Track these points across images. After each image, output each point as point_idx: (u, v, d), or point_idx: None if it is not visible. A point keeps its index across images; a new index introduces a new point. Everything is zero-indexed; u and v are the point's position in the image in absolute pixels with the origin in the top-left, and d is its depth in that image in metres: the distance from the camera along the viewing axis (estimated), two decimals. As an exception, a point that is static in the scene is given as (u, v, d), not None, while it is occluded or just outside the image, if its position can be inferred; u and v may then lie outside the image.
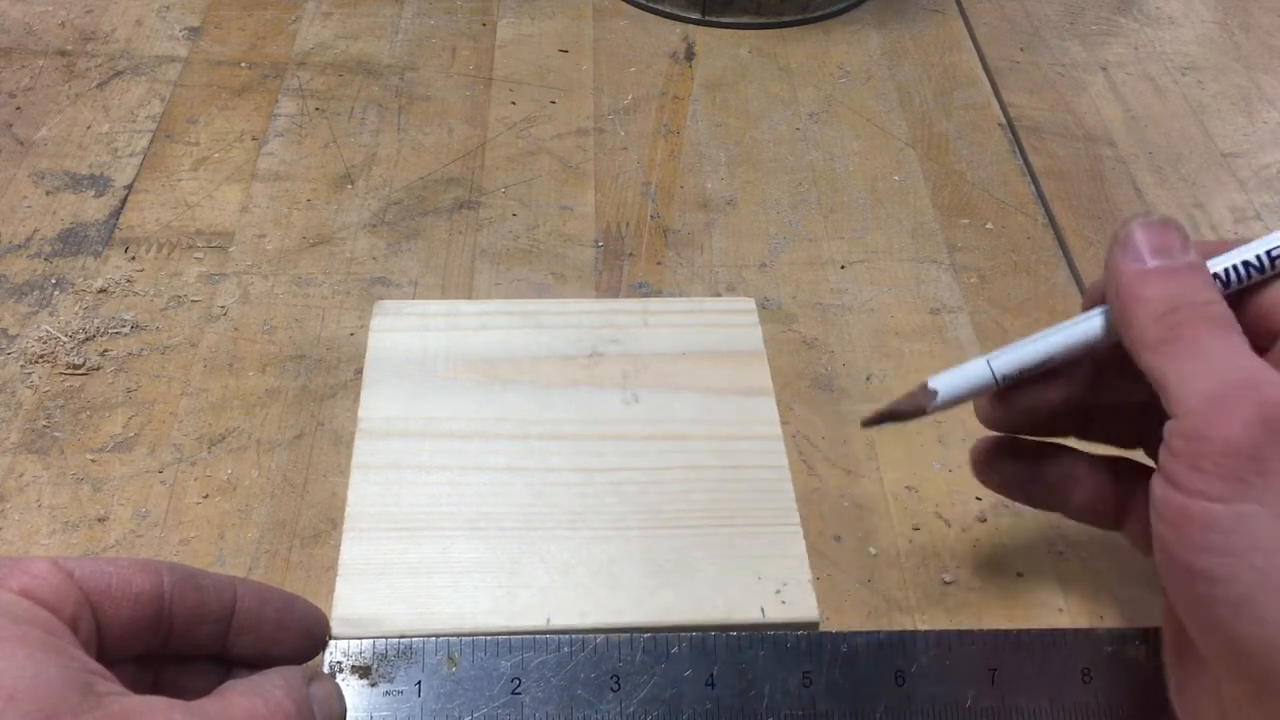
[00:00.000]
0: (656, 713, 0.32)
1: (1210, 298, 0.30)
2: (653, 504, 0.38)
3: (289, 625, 0.31)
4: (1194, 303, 0.30)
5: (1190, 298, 0.30)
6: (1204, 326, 0.29)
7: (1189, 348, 0.29)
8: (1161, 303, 0.30)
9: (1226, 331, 0.29)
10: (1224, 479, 0.26)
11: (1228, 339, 0.29)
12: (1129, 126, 0.62)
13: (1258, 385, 0.27)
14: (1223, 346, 0.29)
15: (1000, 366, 0.33)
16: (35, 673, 0.24)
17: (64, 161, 0.55)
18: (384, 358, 0.42)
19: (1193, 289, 0.30)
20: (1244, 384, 0.27)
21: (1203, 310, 0.29)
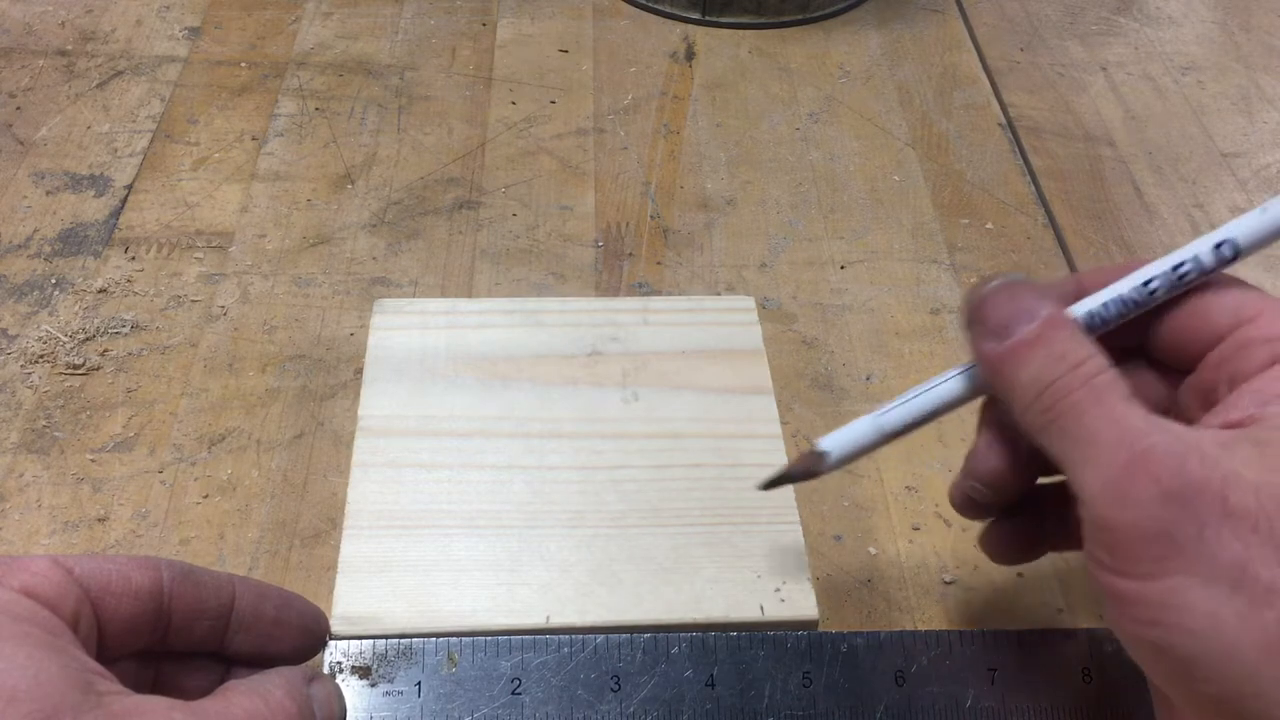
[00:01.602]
0: (656, 713, 0.32)
1: (1079, 357, 0.28)
2: (652, 502, 0.38)
3: (288, 622, 0.31)
4: (1063, 373, 0.28)
5: (1057, 369, 0.28)
6: (1080, 399, 0.27)
7: (1071, 429, 0.27)
8: (1031, 386, 0.28)
9: (1103, 397, 0.27)
10: (1142, 561, 0.25)
11: (1108, 407, 0.27)
12: (1129, 126, 0.62)
13: (1148, 458, 0.26)
14: (1104, 418, 0.27)
15: (887, 423, 0.32)
16: (36, 672, 0.24)
17: (64, 161, 0.55)
18: (384, 356, 0.42)
19: (1057, 355, 0.28)
20: (1135, 461, 0.26)
21: (1074, 378, 0.27)
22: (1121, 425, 0.26)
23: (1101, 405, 0.27)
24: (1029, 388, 0.28)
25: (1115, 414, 0.27)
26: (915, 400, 0.32)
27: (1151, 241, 0.55)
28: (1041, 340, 0.28)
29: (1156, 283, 0.30)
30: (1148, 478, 0.25)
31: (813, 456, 0.33)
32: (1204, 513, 0.25)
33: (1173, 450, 0.26)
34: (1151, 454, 0.26)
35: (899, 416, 0.32)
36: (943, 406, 0.32)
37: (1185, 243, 0.55)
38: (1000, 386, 0.29)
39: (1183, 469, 0.25)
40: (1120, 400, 0.27)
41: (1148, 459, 0.26)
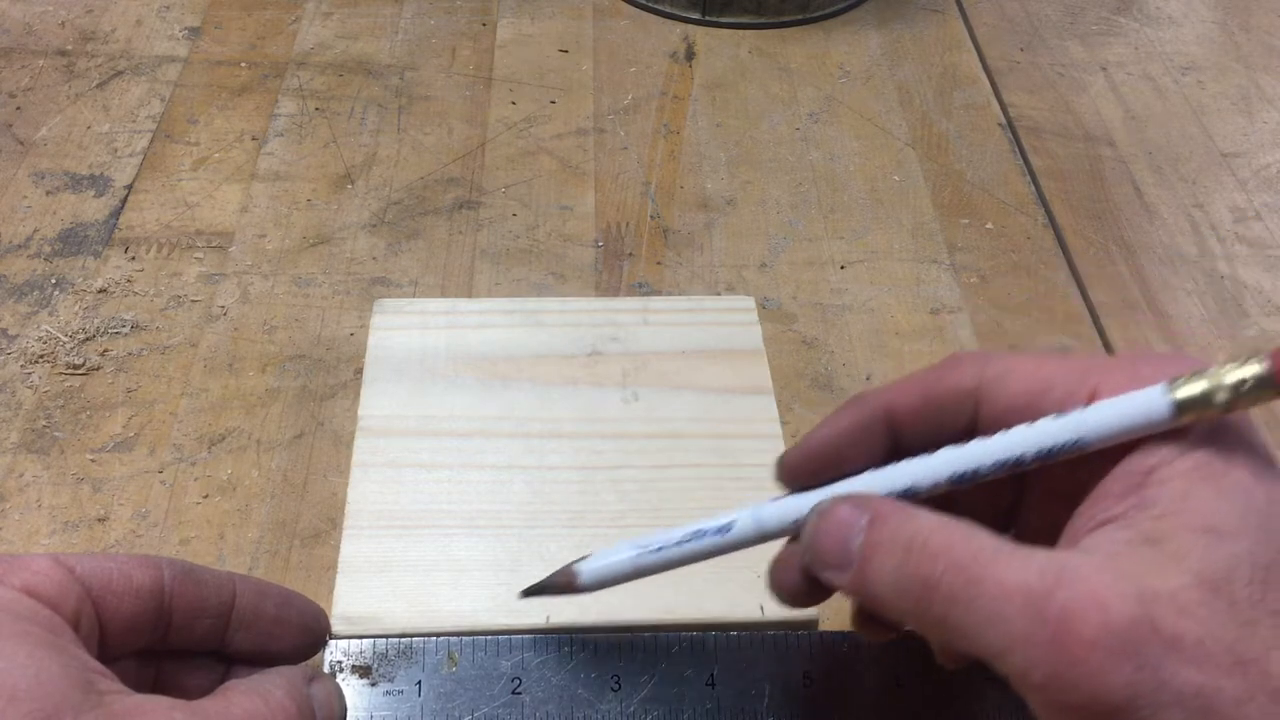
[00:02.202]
0: (656, 713, 0.32)
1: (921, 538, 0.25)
2: (652, 502, 0.38)
3: (288, 620, 0.31)
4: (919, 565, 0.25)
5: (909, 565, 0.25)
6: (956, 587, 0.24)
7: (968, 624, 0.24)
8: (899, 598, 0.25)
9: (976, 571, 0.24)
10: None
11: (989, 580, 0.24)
12: (1129, 126, 0.62)
13: (1069, 622, 0.23)
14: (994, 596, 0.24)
15: (645, 562, 0.31)
16: (37, 671, 0.24)
17: (64, 161, 0.55)
18: (384, 356, 0.42)
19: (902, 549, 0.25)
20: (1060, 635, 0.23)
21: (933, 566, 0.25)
22: (1021, 594, 0.23)
23: (987, 583, 0.24)
24: (900, 600, 0.25)
25: (1006, 584, 0.24)
26: (685, 546, 0.31)
27: (1151, 242, 0.55)
28: (876, 546, 0.26)
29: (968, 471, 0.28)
30: (1082, 646, 0.23)
31: (567, 573, 0.32)
32: (1150, 653, 0.22)
33: (1086, 598, 0.23)
34: (1070, 615, 0.23)
35: (656, 559, 0.31)
36: (716, 551, 0.31)
37: (1185, 242, 0.56)
38: (879, 610, 0.26)
39: (1108, 618, 0.23)
40: (998, 561, 0.24)
41: (1069, 623, 0.23)
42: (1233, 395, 0.24)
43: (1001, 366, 0.28)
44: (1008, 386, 0.28)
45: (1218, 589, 0.23)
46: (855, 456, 0.29)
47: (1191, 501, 0.24)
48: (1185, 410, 0.25)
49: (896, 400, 0.29)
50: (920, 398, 0.29)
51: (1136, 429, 0.25)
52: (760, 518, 0.30)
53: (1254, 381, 0.24)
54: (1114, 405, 0.26)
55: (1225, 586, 0.23)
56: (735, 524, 0.30)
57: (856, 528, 0.26)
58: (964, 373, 0.28)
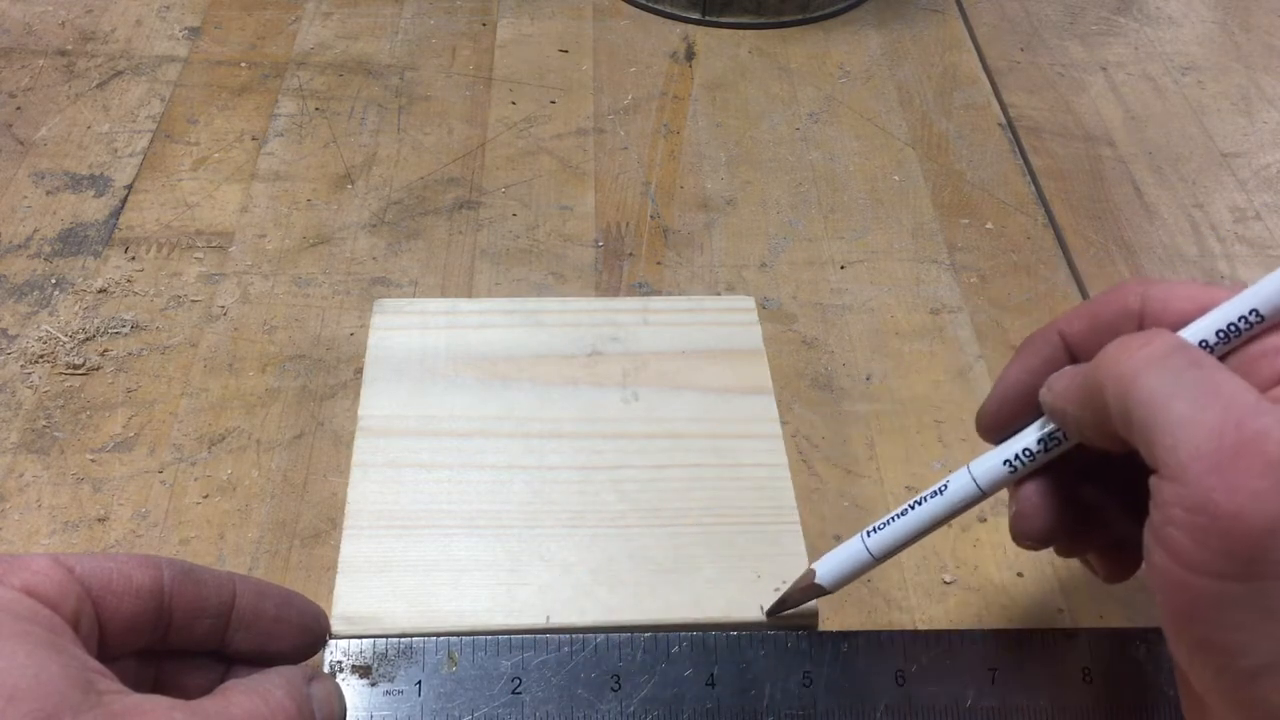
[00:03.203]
0: (656, 713, 0.32)
1: (1167, 334, 0.27)
2: (652, 502, 0.38)
3: (288, 620, 0.31)
4: (1155, 341, 0.26)
5: (1149, 340, 0.26)
6: (1178, 363, 0.25)
7: (1167, 398, 0.25)
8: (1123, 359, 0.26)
9: (1203, 365, 0.25)
10: (1236, 558, 0.23)
11: (1210, 375, 0.25)
12: (1129, 126, 0.62)
13: (1264, 440, 0.23)
14: (1208, 389, 0.25)
15: (875, 546, 0.32)
16: (36, 671, 0.24)
17: (64, 161, 0.55)
18: (384, 356, 0.42)
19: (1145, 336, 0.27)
20: (1247, 443, 0.23)
21: (1166, 344, 0.26)
22: (1230, 398, 0.24)
23: (1205, 371, 0.25)
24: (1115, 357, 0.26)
25: (1221, 383, 0.25)
26: (905, 521, 0.32)
27: (1151, 242, 0.55)
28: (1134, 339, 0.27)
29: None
30: (1262, 462, 0.23)
31: (809, 579, 0.34)
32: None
33: None
34: (1266, 435, 0.23)
35: (887, 539, 0.32)
36: (935, 522, 0.32)
37: (1185, 242, 0.56)
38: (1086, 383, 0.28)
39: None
40: (1223, 371, 0.25)
41: (1262, 440, 0.23)
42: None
43: (1165, 287, 0.29)
44: (1171, 304, 0.28)
45: None
46: None
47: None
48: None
49: (1066, 328, 0.30)
50: (1089, 321, 0.30)
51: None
52: (974, 472, 0.31)
53: None
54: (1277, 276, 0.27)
55: None
56: (950, 483, 0.31)
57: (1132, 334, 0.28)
58: (1129, 292, 0.29)
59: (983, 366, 0.48)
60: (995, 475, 0.31)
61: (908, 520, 0.32)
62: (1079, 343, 0.30)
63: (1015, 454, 0.31)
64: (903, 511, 0.32)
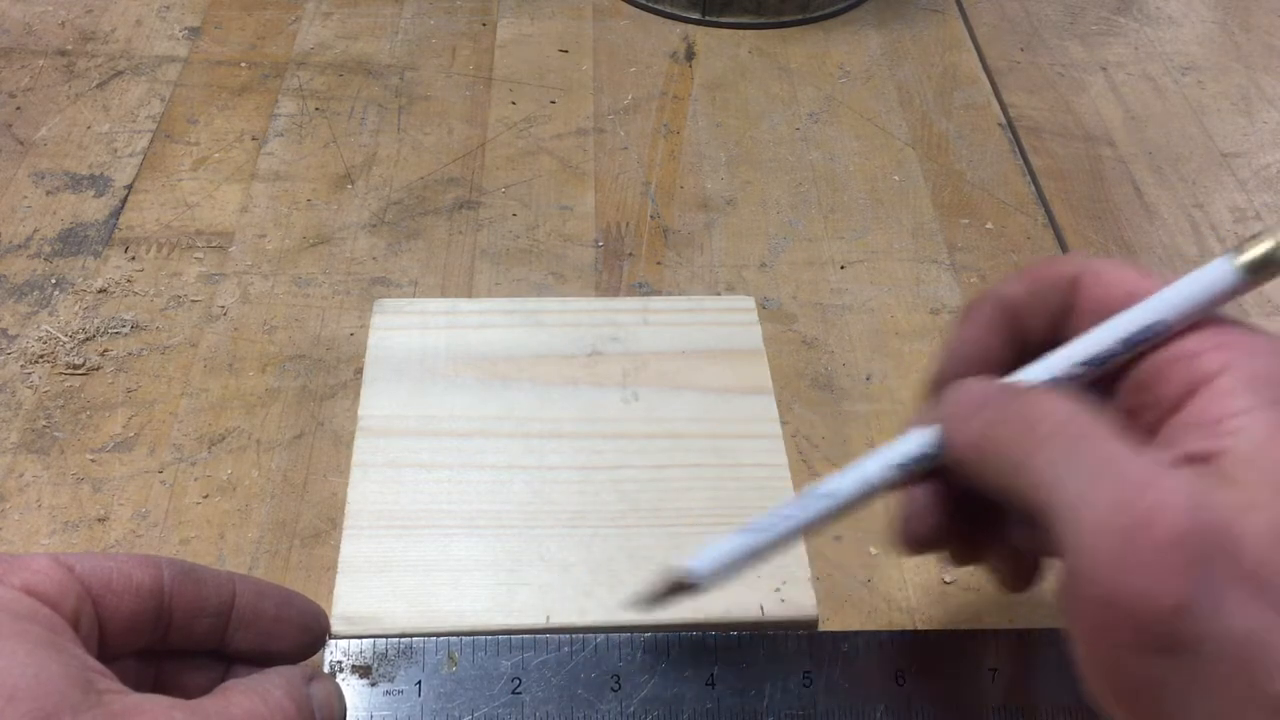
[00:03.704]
0: (656, 713, 0.32)
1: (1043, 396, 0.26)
2: (652, 502, 0.38)
3: (288, 620, 0.31)
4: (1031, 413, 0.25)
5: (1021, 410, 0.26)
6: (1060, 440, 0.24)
7: (1051, 478, 0.24)
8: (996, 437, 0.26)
9: (1087, 436, 0.24)
10: (1151, 636, 0.22)
11: (1095, 448, 0.24)
12: (1129, 126, 0.62)
13: (1160, 514, 0.22)
14: (1095, 465, 0.24)
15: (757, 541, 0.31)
16: (36, 671, 0.24)
17: (64, 161, 0.55)
18: (384, 356, 0.42)
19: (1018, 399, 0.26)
20: (1143, 521, 0.22)
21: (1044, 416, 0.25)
22: (1119, 472, 0.23)
23: (1090, 446, 0.24)
24: (996, 431, 0.26)
25: (1108, 457, 0.24)
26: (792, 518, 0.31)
27: (1151, 241, 0.55)
28: (997, 397, 0.27)
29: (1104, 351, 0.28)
30: (1162, 541, 0.22)
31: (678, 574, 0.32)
32: (1220, 578, 0.22)
33: (1183, 503, 0.22)
34: (1162, 509, 0.22)
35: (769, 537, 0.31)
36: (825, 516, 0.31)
37: (1185, 242, 0.56)
38: (971, 458, 0.27)
39: (1197, 527, 0.22)
40: (1110, 440, 0.24)
41: (1158, 515, 0.22)
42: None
43: (1104, 267, 0.29)
44: (1106, 285, 0.29)
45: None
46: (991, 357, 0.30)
47: (1264, 460, 0.24)
48: (1252, 272, 0.27)
49: (1007, 290, 0.31)
50: (1029, 285, 0.30)
51: (1212, 300, 0.27)
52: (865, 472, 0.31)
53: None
54: (1186, 283, 0.27)
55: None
56: (834, 484, 0.31)
57: (986, 394, 0.28)
58: (1067, 264, 0.30)
59: (983, 366, 0.48)
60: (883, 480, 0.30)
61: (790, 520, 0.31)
62: (1021, 306, 0.30)
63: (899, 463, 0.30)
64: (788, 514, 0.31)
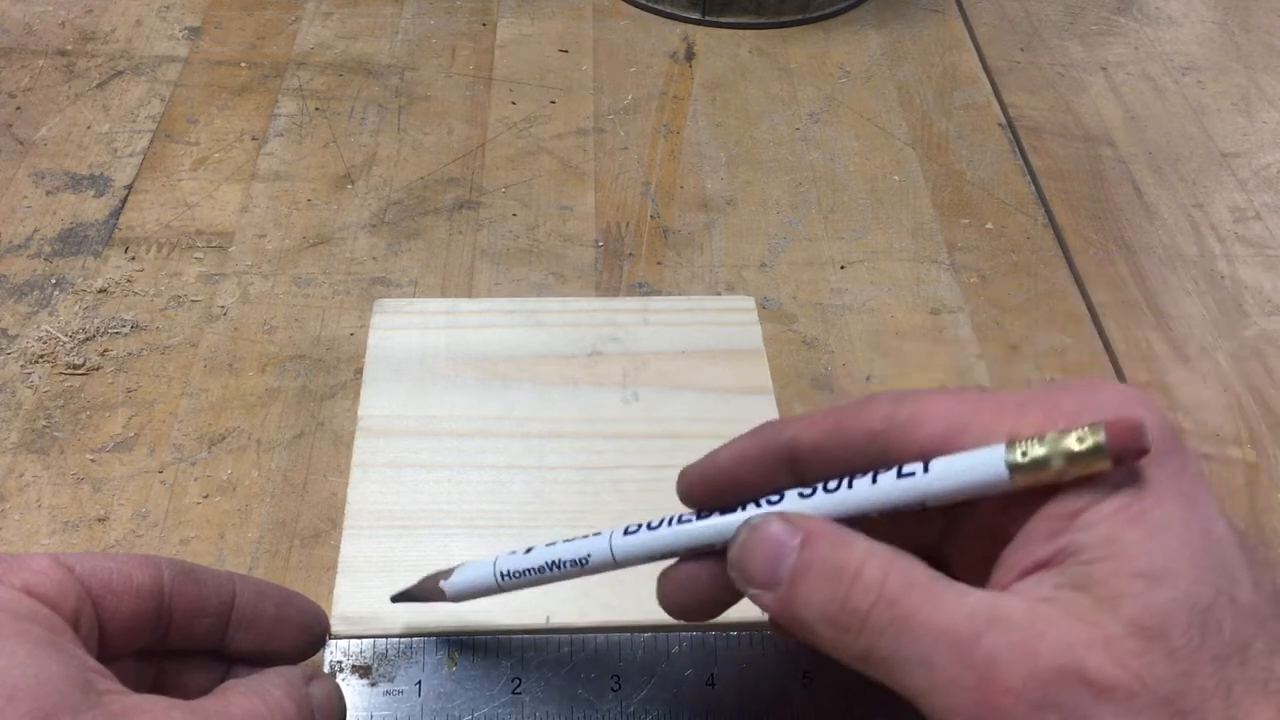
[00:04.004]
0: (656, 713, 0.32)
1: (855, 563, 0.25)
2: (653, 502, 0.38)
3: (288, 620, 0.31)
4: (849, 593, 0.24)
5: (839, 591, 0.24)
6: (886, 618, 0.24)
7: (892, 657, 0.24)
8: (828, 624, 0.25)
9: (909, 605, 0.24)
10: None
11: (919, 614, 0.23)
12: (1129, 126, 0.62)
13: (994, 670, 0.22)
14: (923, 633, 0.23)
15: (504, 566, 0.31)
16: (36, 671, 0.24)
17: (64, 161, 0.55)
18: (384, 356, 0.42)
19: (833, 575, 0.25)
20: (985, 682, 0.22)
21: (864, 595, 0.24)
22: (948, 636, 0.23)
23: (916, 619, 0.24)
24: (827, 629, 0.25)
25: (935, 624, 0.23)
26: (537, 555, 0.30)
27: (1151, 242, 0.55)
28: (807, 569, 0.25)
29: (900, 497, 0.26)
30: (1007, 695, 0.22)
31: (435, 581, 0.32)
32: (1079, 705, 0.22)
33: (1014, 645, 0.22)
34: (996, 662, 0.22)
35: (514, 565, 0.31)
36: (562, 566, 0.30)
37: (1185, 242, 0.56)
38: (803, 636, 0.26)
39: (1035, 667, 0.22)
40: (930, 599, 0.24)
41: (995, 670, 0.22)
42: (1066, 463, 0.24)
43: (913, 408, 0.27)
44: (919, 428, 0.26)
45: (1153, 637, 0.22)
46: (755, 483, 0.29)
47: (1121, 545, 0.23)
48: (1019, 473, 0.24)
49: (802, 434, 0.28)
50: (826, 433, 0.28)
51: (976, 489, 0.25)
52: (615, 547, 0.30)
53: (1089, 450, 0.23)
54: (954, 464, 0.25)
55: (1161, 634, 0.22)
56: (591, 553, 0.30)
57: (788, 547, 0.25)
58: (873, 413, 0.27)
59: (983, 366, 0.48)
60: (633, 556, 0.30)
61: (540, 577, 0.30)
62: (809, 454, 0.28)
63: (663, 550, 0.29)
64: (539, 569, 0.30)
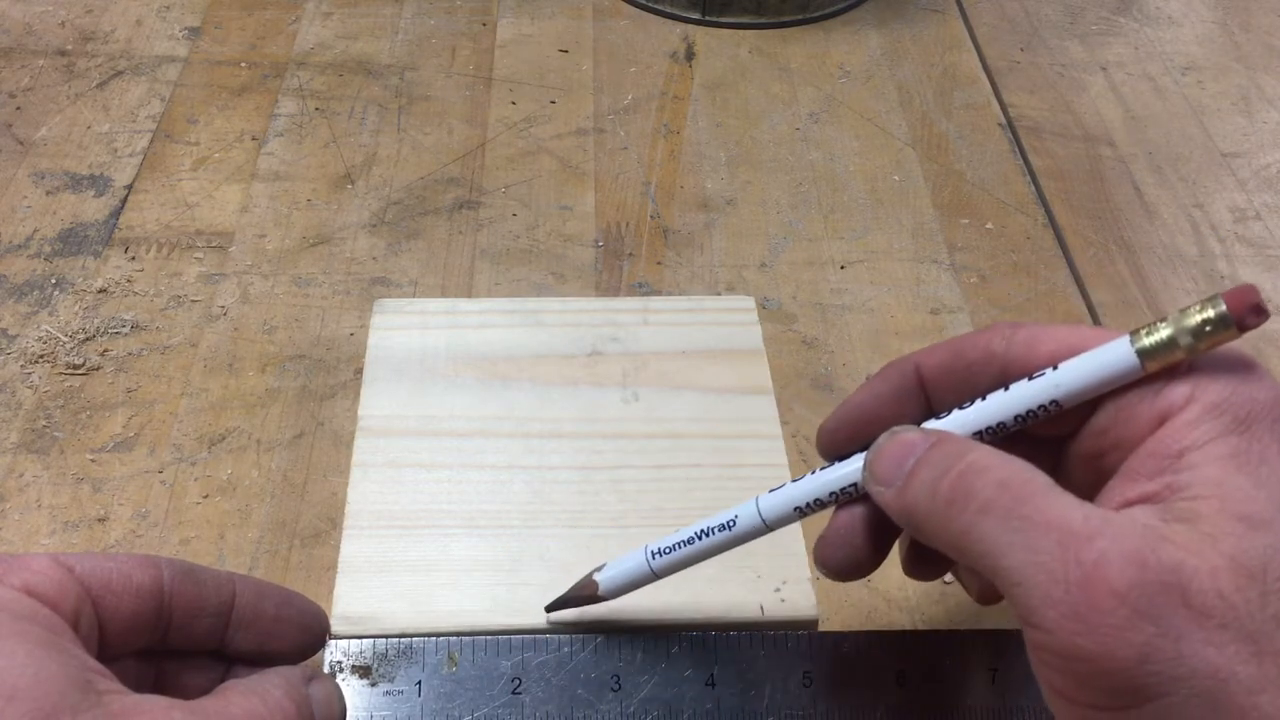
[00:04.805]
0: (656, 713, 0.32)
1: (984, 460, 0.25)
2: (653, 502, 0.38)
3: (287, 620, 0.31)
4: (973, 481, 0.25)
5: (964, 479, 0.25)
6: (1003, 504, 0.24)
7: (999, 543, 0.24)
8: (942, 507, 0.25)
9: (1028, 498, 0.24)
10: (1117, 693, 0.23)
11: (1037, 509, 0.24)
12: (1129, 126, 0.62)
13: (1104, 569, 0.23)
14: (1038, 525, 0.24)
15: (654, 546, 0.32)
16: (36, 671, 0.24)
17: (64, 161, 0.55)
18: (384, 356, 0.42)
19: (959, 464, 0.25)
20: (1090, 578, 0.23)
21: (986, 483, 0.25)
22: (1060, 530, 0.23)
23: (1029, 508, 0.24)
24: (934, 503, 0.25)
25: (1048, 517, 0.24)
26: (691, 548, 0.31)
27: (1151, 242, 0.55)
28: (929, 460, 0.26)
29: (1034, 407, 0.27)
30: (1111, 596, 0.22)
31: (591, 582, 0.33)
32: (1175, 622, 0.22)
33: (1126, 553, 0.23)
34: (1106, 564, 0.23)
35: (671, 560, 0.32)
36: (714, 549, 0.31)
37: (1185, 242, 0.56)
38: (914, 524, 0.27)
39: (1143, 577, 0.23)
40: (1047, 496, 0.24)
41: (1103, 570, 0.23)
42: (1194, 339, 0.25)
43: (1031, 330, 0.28)
44: (1038, 346, 0.28)
45: (1253, 576, 0.23)
46: (890, 418, 0.30)
47: (1226, 489, 0.24)
48: (1149, 357, 0.25)
49: (926, 360, 0.30)
50: (950, 357, 0.29)
51: (1108, 381, 0.26)
52: (762, 508, 0.31)
53: (1214, 322, 0.25)
54: (1083, 361, 0.26)
55: (1259, 575, 0.23)
56: (739, 517, 0.31)
57: (919, 448, 0.27)
58: (993, 336, 0.29)
59: (983, 366, 0.48)
60: (781, 516, 0.30)
61: (693, 548, 0.31)
62: (935, 379, 0.29)
63: (807, 502, 0.30)
64: (689, 539, 0.31)
